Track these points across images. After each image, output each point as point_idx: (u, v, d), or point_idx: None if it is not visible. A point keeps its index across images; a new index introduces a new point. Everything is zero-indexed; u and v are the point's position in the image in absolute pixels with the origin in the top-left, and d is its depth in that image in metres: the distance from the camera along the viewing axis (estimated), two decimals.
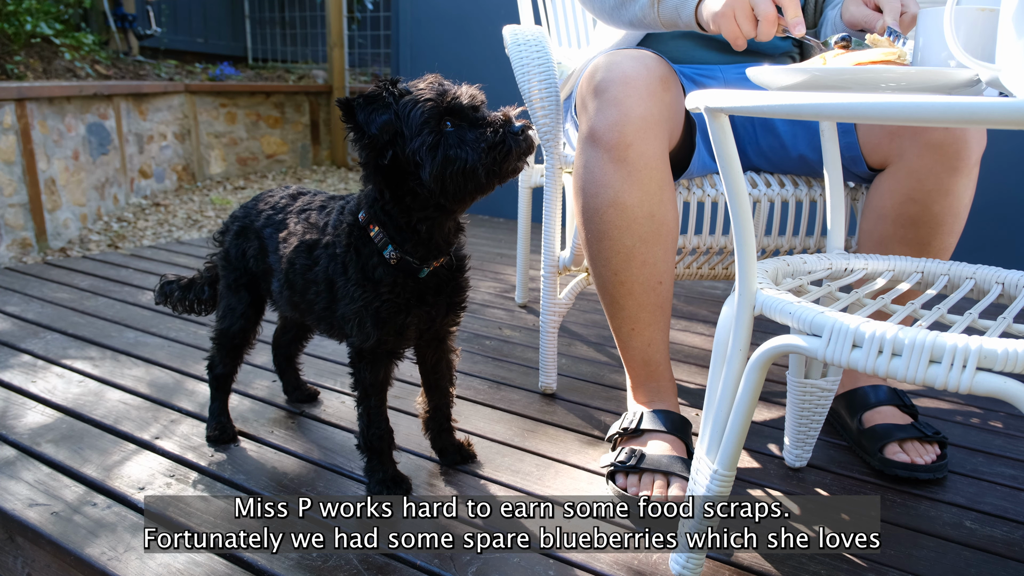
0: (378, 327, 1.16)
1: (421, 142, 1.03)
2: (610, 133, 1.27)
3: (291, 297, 1.29)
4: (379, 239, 1.15)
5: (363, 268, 1.16)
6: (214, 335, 1.43)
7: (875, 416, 1.40)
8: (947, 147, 1.26)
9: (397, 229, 1.14)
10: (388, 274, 1.15)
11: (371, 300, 1.15)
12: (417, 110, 1.04)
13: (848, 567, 1.09)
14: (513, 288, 2.58)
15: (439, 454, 1.38)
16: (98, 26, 4.98)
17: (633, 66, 1.28)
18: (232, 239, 1.39)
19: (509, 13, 2.13)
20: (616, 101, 1.26)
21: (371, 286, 1.15)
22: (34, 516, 1.16)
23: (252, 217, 1.37)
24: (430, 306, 1.20)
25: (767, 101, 0.74)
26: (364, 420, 1.25)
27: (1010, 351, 0.70)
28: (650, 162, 1.27)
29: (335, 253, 1.19)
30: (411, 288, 1.17)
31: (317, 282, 1.23)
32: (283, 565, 1.06)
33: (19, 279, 2.52)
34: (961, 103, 0.62)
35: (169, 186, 4.57)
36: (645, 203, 1.28)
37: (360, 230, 1.16)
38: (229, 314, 1.40)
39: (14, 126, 2.98)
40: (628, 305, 1.34)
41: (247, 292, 1.40)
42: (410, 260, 1.15)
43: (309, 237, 1.25)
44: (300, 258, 1.25)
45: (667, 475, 1.22)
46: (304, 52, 6.47)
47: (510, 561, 1.08)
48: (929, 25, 0.95)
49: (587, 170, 1.31)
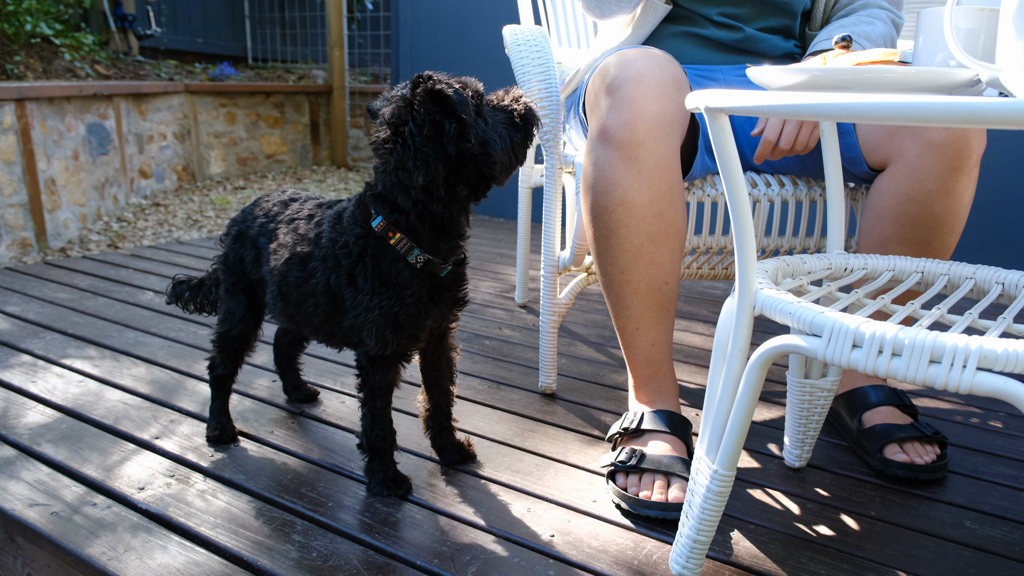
0: (397, 333, 1.17)
1: (483, 125, 1.09)
2: (622, 131, 1.26)
3: (285, 309, 1.30)
4: (401, 245, 1.15)
5: (383, 276, 1.16)
6: (214, 337, 1.43)
7: (875, 416, 1.40)
8: (948, 147, 1.26)
9: (434, 229, 1.15)
10: (414, 277, 1.16)
11: (391, 306, 1.16)
12: (465, 99, 1.08)
13: (848, 567, 1.09)
14: (513, 288, 2.58)
15: (439, 453, 1.37)
16: (98, 26, 4.98)
17: (647, 65, 1.28)
18: (231, 243, 1.40)
19: (509, 13, 2.13)
20: (629, 100, 1.26)
21: (393, 292, 1.16)
22: (34, 516, 1.16)
23: (248, 223, 1.38)
24: (442, 303, 1.21)
25: (767, 101, 0.74)
26: (368, 421, 1.24)
27: (1010, 351, 0.70)
28: (661, 161, 1.27)
29: (339, 265, 1.19)
30: (429, 289, 1.18)
31: (315, 294, 1.23)
32: (283, 565, 1.06)
33: (19, 279, 2.52)
34: (961, 103, 0.62)
35: (169, 186, 4.57)
36: (655, 202, 1.28)
37: (377, 239, 1.16)
38: (228, 317, 1.41)
39: (14, 126, 2.98)
40: (633, 304, 1.33)
41: (245, 296, 1.40)
42: (436, 260, 1.17)
43: (300, 249, 1.25)
44: (293, 271, 1.25)
45: (667, 475, 1.22)
46: (304, 52, 6.47)
47: (510, 561, 1.08)
48: (929, 25, 0.95)
49: (597, 168, 1.31)
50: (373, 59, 6.29)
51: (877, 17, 1.50)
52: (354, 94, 5.72)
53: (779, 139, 1.35)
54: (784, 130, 1.34)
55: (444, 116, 1.07)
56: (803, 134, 1.34)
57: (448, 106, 1.07)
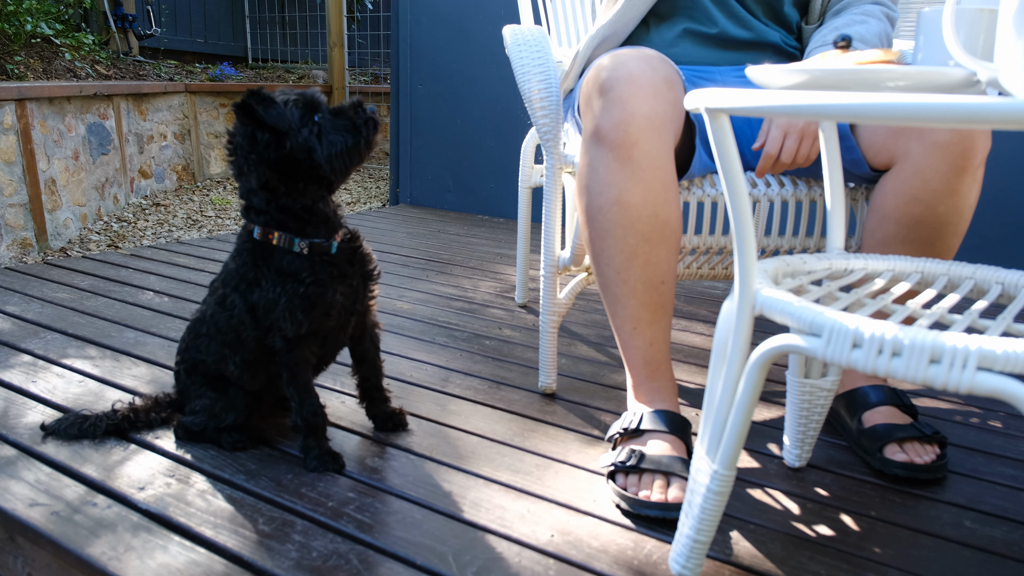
0: (308, 313, 1.26)
1: (308, 131, 1.22)
2: (615, 132, 1.27)
3: (244, 358, 1.34)
4: (282, 240, 1.26)
5: (280, 270, 1.26)
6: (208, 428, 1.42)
7: (875, 416, 1.40)
8: (953, 147, 1.26)
9: (297, 219, 1.27)
10: (305, 262, 1.26)
11: (295, 289, 1.25)
12: (291, 107, 1.21)
13: (848, 567, 1.09)
14: (513, 288, 2.58)
15: (372, 421, 1.48)
16: (98, 26, 4.98)
17: (639, 65, 1.29)
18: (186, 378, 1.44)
19: (509, 13, 2.13)
20: (621, 100, 1.26)
21: (292, 279, 1.26)
22: (35, 516, 1.16)
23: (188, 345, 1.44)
24: (350, 278, 1.32)
25: (767, 101, 0.74)
26: (296, 400, 1.32)
27: (1010, 351, 0.70)
28: (655, 161, 1.27)
29: (245, 280, 1.29)
30: (327, 267, 1.28)
31: (243, 320, 1.30)
32: (283, 565, 1.06)
33: (19, 279, 2.52)
34: (962, 103, 0.62)
35: (169, 186, 4.57)
36: (649, 202, 1.28)
37: (263, 244, 1.27)
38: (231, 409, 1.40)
39: (14, 126, 2.98)
40: (630, 304, 1.34)
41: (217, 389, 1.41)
42: (319, 241, 1.27)
43: (215, 298, 1.35)
44: (220, 318, 1.34)
45: (667, 475, 1.22)
46: (304, 52, 6.47)
47: (510, 561, 1.08)
48: (929, 25, 0.95)
49: (591, 168, 1.31)
50: (373, 59, 6.29)
51: (870, 14, 1.49)
52: (354, 94, 5.71)
53: (780, 153, 1.36)
54: (785, 144, 1.35)
55: (256, 127, 1.20)
56: (804, 147, 1.35)
57: (257, 118, 1.20)
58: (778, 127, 1.36)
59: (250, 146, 1.21)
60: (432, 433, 1.48)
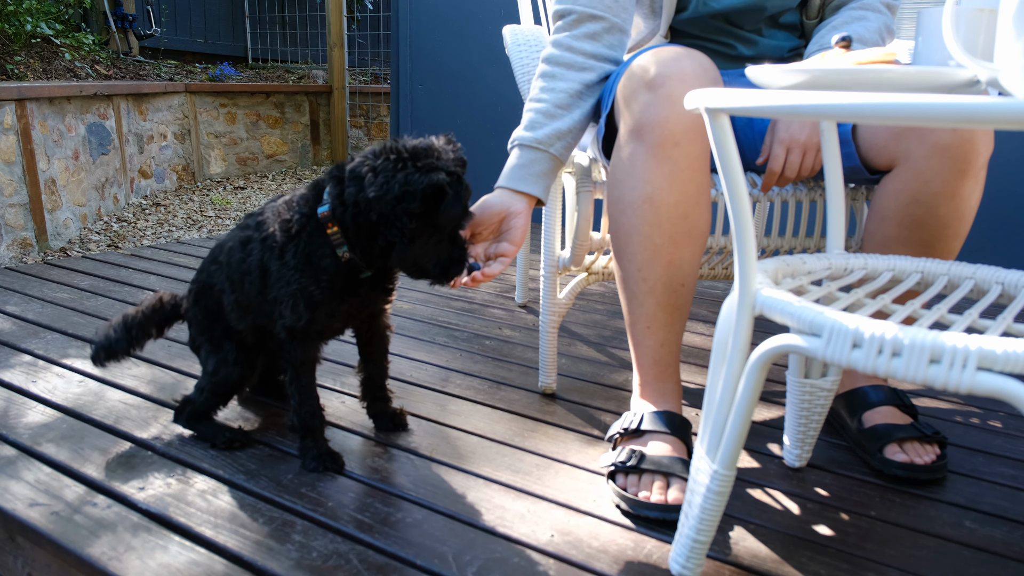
0: (312, 309, 1.24)
1: (402, 233, 1.14)
2: (659, 129, 1.25)
3: (238, 299, 1.34)
4: (336, 237, 1.22)
5: (309, 256, 1.22)
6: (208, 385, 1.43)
7: (875, 416, 1.40)
8: (955, 149, 1.25)
9: (358, 234, 1.20)
10: (334, 266, 1.23)
11: (307, 285, 1.23)
12: (458, 210, 1.15)
13: (848, 567, 1.09)
14: (513, 288, 2.58)
15: (373, 420, 1.47)
16: (98, 26, 4.98)
17: (691, 64, 1.26)
18: (192, 304, 1.45)
19: (509, 13, 2.13)
20: (671, 98, 1.24)
21: (312, 272, 1.23)
22: (35, 516, 1.16)
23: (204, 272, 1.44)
24: (363, 296, 1.29)
25: (767, 101, 0.74)
26: (296, 399, 1.31)
27: (1010, 351, 0.70)
28: (694, 163, 1.26)
29: (273, 244, 1.25)
30: (347, 279, 1.26)
31: (251, 271, 1.29)
32: (283, 565, 1.06)
33: (19, 279, 2.52)
34: (962, 103, 0.62)
35: (169, 186, 4.57)
36: (681, 204, 1.27)
37: (317, 223, 1.22)
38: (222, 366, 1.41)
39: (14, 126, 2.98)
40: (647, 303, 1.33)
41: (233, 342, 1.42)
42: (359, 263, 1.24)
43: (243, 235, 1.32)
44: (235, 255, 1.32)
45: (667, 476, 1.22)
46: (304, 52, 6.47)
47: (510, 561, 1.08)
48: (929, 25, 0.95)
49: (629, 163, 1.29)
50: (373, 59, 6.29)
51: (869, 7, 1.49)
52: (354, 94, 5.72)
53: (784, 168, 1.36)
54: (788, 159, 1.36)
55: (416, 201, 1.12)
56: (807, 161, 1.35)
57: (434, 201, 1.12)
58: (780, 143, 1.36)
59: (393, 181, 1.12)
60: (432, 433, 1.48)
